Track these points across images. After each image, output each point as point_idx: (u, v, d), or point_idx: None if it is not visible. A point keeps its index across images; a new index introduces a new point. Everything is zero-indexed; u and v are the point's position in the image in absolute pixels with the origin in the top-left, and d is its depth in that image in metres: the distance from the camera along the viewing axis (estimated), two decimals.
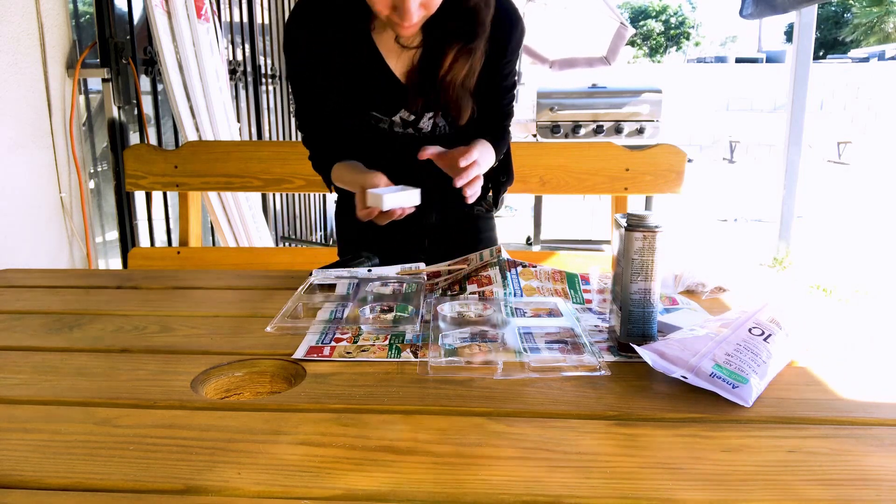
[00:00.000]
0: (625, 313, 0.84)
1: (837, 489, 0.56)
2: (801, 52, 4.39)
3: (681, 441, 0.63)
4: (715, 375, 0.73)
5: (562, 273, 1.11)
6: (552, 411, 0.70)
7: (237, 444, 0.63)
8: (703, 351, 0.76)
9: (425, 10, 1.00)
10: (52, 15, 1.96)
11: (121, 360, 0.84)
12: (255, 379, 0.82)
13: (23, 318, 1.01)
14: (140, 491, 0.56)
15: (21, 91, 1.87)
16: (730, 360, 0.74)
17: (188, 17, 2.37)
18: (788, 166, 4.50)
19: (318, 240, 4.47)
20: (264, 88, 3.50)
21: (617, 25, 6.07)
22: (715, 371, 0.73)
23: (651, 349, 0.78)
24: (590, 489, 0.56)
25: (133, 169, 1.75)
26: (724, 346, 0.76)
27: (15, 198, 1.86)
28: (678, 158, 1.72)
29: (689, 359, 0.75)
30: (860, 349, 0.88)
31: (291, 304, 1.01)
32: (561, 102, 4.35)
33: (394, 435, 0.64)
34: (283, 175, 1.73)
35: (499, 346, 0.84)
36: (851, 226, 5.75)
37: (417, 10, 0.99)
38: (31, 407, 0.71)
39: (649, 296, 0.82)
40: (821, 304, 1.10)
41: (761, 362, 0.75)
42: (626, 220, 0.83)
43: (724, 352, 0.75)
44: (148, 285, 1.20)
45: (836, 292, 3.68)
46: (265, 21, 3.63)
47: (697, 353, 0.76)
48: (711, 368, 0.73)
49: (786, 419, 0.68)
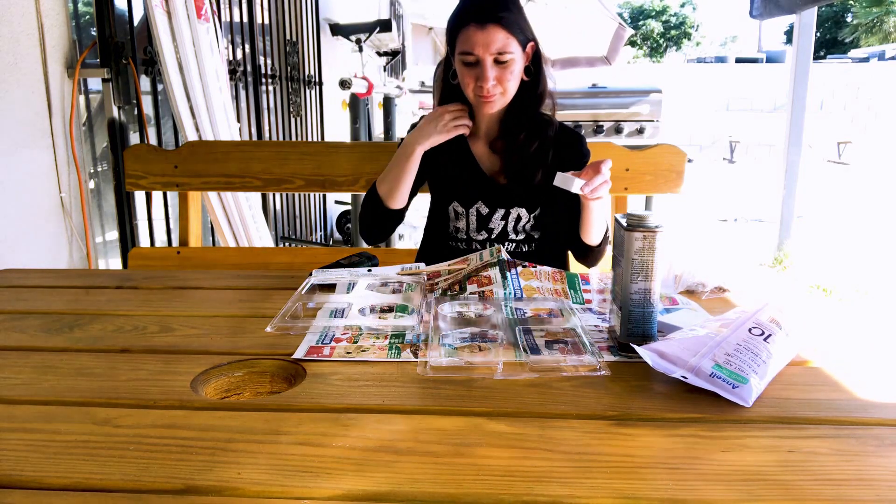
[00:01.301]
0: (625, 313, 0.84)
1: (837, 489, 0.56)
2: (801, 53, 4.39)
3: (681, 441, 0.63)
4: (715, 375, 0.73)
5: (562, 273, 1.11)
6: (552, 411, 0.70)
7: (237, 444, 0.63)
8: (703, 351, 0.76)
9: (500, 84, 1.28)
10: (52, 15, 1.96)
11: (121, 360, 0.84)
12: (255, 379, 0.82)
13: (23, 318, 1.01)
14: (140, 491, 0.56)
15: (21, 91, 1.87)
16: (730, 361, 0.74)
17: (188, 17, 2.36)
18: (788, 166, 4.50)
19: (318, 240, 4.47)
20: (264, 88, 3.50)
21: (616, 26, 6.07)
22: (715, 371, 0.73)
23: (651, 349, 0.78)
24: (590, 489, 0.56)
25: (133, 169, 1.75)
26: (724, 346, 0.76)
27: (15, 198, 1.86)
28: (678, 158, 1.72)
29: (689, 359, 0.75)
30: (860, 349, 0.88)
31: (291, 304, 1.01)
32: (561, 102, 4.32)
33: (394, 435, 0.64)
34: (283, 175, 1.73)
35: (499, 346, 0.84)
36: (851, 226, 5.74)
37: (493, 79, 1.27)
38: (31, 407, 0.71)
39: (649, 296, 0.82)
40: (821, 304, 1.10)
41: (761, 362, 0.75)
42: (627, 220, 0.83)
43: (725, 352, 0.75)
44: (148, 285, 1.20)
45: (836, 292, 3.68)
46: (265, 21, 3.63)
47: (697, 353, 0.76)
48: (711, 368, 0.73)
49: (786, 419, 0.68)
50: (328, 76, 4.57)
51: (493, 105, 1.31)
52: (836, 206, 6.73)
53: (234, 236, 2.67)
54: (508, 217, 1.41)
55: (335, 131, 4.76)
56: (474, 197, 1.40)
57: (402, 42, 5.61)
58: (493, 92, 1.29)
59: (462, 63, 1.30)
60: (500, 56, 1.26)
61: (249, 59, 3.32)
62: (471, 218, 1.41)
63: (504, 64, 1.27)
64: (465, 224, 1.42)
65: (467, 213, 1.41)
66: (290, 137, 3.95)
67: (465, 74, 1.30)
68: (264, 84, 3.50)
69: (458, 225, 1.43)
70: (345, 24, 4.42)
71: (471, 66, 1.29)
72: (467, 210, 1.41)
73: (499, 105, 1.33)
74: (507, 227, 1.41)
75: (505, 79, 1.28)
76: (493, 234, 1.41)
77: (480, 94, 1.29)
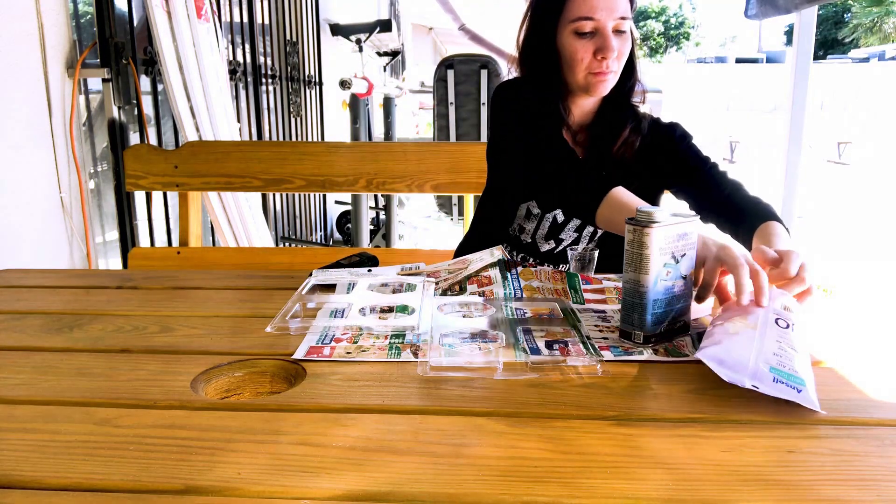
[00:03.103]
0: (622, 299, 0.88)
1: (837, 489, 0.56)
2: (801, 53, 4.38)
3: (681, 441, 0.63)
4: (777, 380, 0.68)
5: (562, 273, 1.11)
6: (552, 411, 0.70)
7: (237, 444, 0.63)
8: (753, 354, 0.71)
9: (619, 59, 1.10)
10: (52, 15, 1.96)
11: (121, 360, 0.84)
12: (255, 379, 0.82)
13: (23, 318, 1.01)
14: (140, 491, 0.56)
15: (21, 91, 1.87)
16: (781, 362, 0.70)
17: (188, 17, 2.37)
18: (788, 166, 4.50)
19: (318, 240, 4.47)
20: (264, 88, 3.50)
21: None
22: (775, 375, 0.69)
23: (710, 357, 0.73)
24: (590, 489, 0.56)
25: (133, 169, 1.75)
26: (767, 343, 0.73)
27: (15, 198, 1.86)
28: None
29: (746, 363, 0.70)
30: (860, 349, 0.88)
31: (291, 304, 1.01)
32: None
33: (394, 435, 0.64)
34: (283, 175, 1.73)
35: (499, 346, 0.84)
36: (851, 226, 5.74)
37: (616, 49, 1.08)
38: (31, 407, 0.71)
39: (639, 287, 0.84)
40: (821, 304, 1.10)
41: (802, 358, 0.73)
42: (636, 214, 0.85)
43: (771, 351, 0.72)
44: (148, 285, 1.20)
45: (836, 292, 3.67)
46: (265, 21, 3.63)
47: (749, 356, 0.71)
48: (769, 371, 0.69)
49: (786, 419, 0.68)
50: (328, 76, 4.57)
51: (607, 85, 1.13)
52: (836, 206, 6.73)
53: (234, 236, 2.67)
54: (584, 230, 1.25)
55: (335, 131, 4.77)
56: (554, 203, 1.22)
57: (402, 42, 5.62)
58: (612, 68, 1.10)
59: (574, 33, 1.10)
60: (621, 23, 1.09)
61: (249, 59, 3.32)
62: (544, 223, 1.25)
63: (622, 35, 1.10)
64: (535, 227, 1.26)
65: (542, 217, 1.24)
66: (290, 137, 3.95)
67: (577, 48, 1.10)
68: (264, 84, 3.51)
69: (525, 226, 1.27)
70: (345, 25, 4.42)
71: (585, 35, 1.09)
72: (544, 213, 1.24)
73: (610, 85, 1.14)
74: (580, 237, 1.26)
75: (623, 53, 1.11)
76: (560, 246, 1.27)
77: (600, 69, 1.10)
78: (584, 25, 1.08)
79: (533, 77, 1.21)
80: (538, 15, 1.15)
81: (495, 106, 1.24)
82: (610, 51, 1.08)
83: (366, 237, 3.60)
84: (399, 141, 4.39)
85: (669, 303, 0.86)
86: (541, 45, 1.16)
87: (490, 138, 1.30)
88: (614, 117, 1.21)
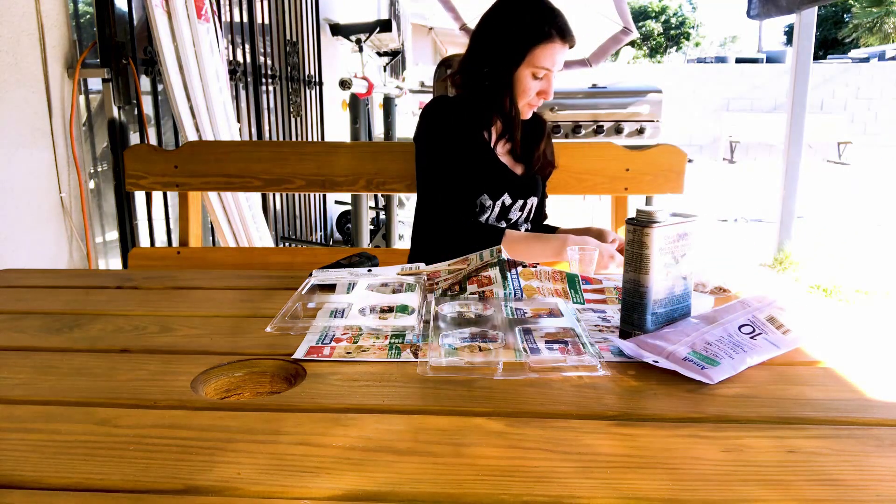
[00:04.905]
0: (622, 299, 0.89)
1: (837, 489, 0.56)
2: (801, 53, 4.39)
3: (681, 441, 0.63)
4: (687, 359, 0.76)
5: (562, 273, 1.11)
6: (552, 411, 0.70)
7: (237, 444, 0.63)
8: (684, 340, 0.79)
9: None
10: (52, 15, 1.96)
11: (121, 360, 0.84)
12: (255, 379, 0.82)
13: (23, 318, 1.01)
14: (140, 491, 0.56)
15: (21, 91, 1.87)
16: (708, 349, 0.78)
17: (188, 17, 2.36)
18: (788, 166, 4.50)
19: (318, 240, 4.47)
20: (264, 88, 3.50)
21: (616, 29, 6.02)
22: (689, 356, 0.76)
23: (632, 340, 0.83)
24: (590, 489, 0.56)
25: (133, 169, 1.75)
26: (708, 336, 0.80)
27: (15, 198, 1.86)
28: (678, 158, 1.72)
29: (666, 346, 0.78)
30: (860, 349, 0.88)
31: (291, 304, 1.01)
32: (561, 103, 4.35)
33: (394, 435, 0.64)
34: (283, 175, 1.73)
35: (499, 346, 0.84)
36: (851, 226, 5.74)
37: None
38: (31, 407, 0.71)
39: (639, 287, 0.85)
40: (821, 304, 1.10)
41: (741, 351, 0.78)
42: (636, 215, 0.86)
43: (706, 341, 0.79)
44: (148, 285, 1.20)
45: (836, 292, 3.68)
46: (265, 21, 3.63)
47: (678, 342, 0.79)
48: (686, 354, 0.77)
49: (786, 419, 0.68)
50: (328, 76, 4.57)
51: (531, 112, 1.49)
52: (836, 206, 6.73)
53: (234, 236, 2.67)
54: (525, 207, 1.54)
55: (335, 131, 4.76)
56: (501, 189, 1.50)
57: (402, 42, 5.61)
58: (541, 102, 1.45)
59: (532, 74, 1.40)
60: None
61: (249, 59, 3.32)
62: (496, 209, 1.50)
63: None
64: (490, 215, 1.51)
65: (493, 205, 1.50)
66: (290, 137, 3.95)
67: (530, 86, 1.41)
68: (264, 84, 3.51)
69: (482, 217, 1.52)
70: (345, 24, 4.42)
71: (539, 79, 1.41)
72: (494, 202, 1.50)
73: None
74: (522, 216, 1.54)
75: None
76: (511, 223, 1.54)
77: (535, 103, 1.45)
78: (541, 72, 1.39)
79: (473, 100, 1.47)
80: (504, 53, 1.41)
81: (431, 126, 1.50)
82: (550, 95, 1.42)
83: (366, 237, 3.60)
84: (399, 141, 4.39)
85: (669, 303, 0.86)
86: (495, 77, 1.43)
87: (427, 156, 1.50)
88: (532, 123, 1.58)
